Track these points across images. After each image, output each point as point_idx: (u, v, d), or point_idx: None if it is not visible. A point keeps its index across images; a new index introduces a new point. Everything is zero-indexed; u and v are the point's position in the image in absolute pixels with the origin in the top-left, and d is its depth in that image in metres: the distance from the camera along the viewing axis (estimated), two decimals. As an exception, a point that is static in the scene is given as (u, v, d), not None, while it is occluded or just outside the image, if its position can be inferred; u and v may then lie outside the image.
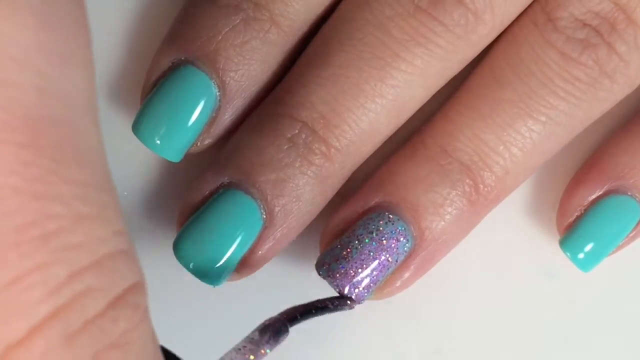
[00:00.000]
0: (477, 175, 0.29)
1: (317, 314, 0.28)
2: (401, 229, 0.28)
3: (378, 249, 0.28)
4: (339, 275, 0.28)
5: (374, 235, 0.28)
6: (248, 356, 0.26)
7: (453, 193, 0.29)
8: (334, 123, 0.28)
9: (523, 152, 0.29)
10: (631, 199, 0.29)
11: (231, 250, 0.28)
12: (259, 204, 0.28)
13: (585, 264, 0.29)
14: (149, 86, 0.29)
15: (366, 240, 0.28)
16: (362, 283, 0.28)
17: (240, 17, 0.28)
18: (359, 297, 0.28)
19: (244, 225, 0.28)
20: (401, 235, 0.28)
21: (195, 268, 0.28)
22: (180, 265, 0.28)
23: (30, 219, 0.17)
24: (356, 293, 0.28)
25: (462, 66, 0.29)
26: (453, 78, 0.29)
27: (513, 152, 0.29)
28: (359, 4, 0.28)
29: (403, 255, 0.28)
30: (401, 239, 0.28)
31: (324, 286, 0.29)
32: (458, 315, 0.31)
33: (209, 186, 0.29)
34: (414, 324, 0.31)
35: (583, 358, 0.31)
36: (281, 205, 0.28)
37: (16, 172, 0.17)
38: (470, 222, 0.29)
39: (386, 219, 0.28)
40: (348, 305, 0.28)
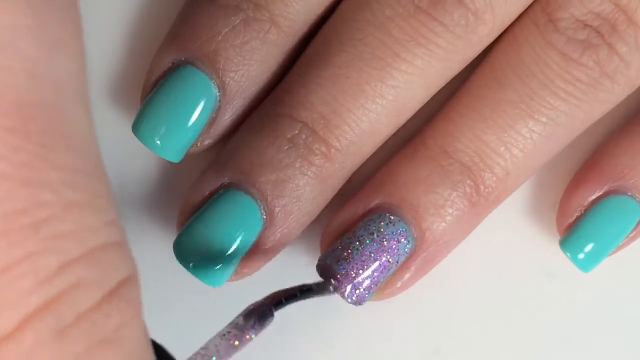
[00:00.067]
0: (478, 176, 0.29)
1: (302, 298, 0.27)
2: (402, 230, 0.28)
3: (379, 250, 0.28)
4: (340, 276, 0.28)
5: (375, 236, 0.28)
6: (233, 342, 0.25)
7: (454, 194, 0.29)
8: (334, 123, 0.28)
9: (524, 153, 0.29)
10: (631, 200, 0.29)
11: (231, 251, 0.28)
12: (259, 204, 0.28)
13: (586, 265, 0.29)
14: (149, 86, 0.29)
15: (367, 242, 0.28)
16: (363, 284, 0.28)
17: (240, 18, 0.28)
18: (360, 298, 0.28)
19: (244, 225, 0.28)
20: (402, 236, 0.28)
21: (195, 268, 0.28)
22: (180, 265, 0.28)
23: (20, 206, 0.17)
24: (357, 294, 0.28)
25: (463, 66, 0.29)
26: (454, 78, 0.29)
27: (514, 153, 0.29)
28: (359, 4, 0.28)
29: (404, 256, 0.28)
30: (402, 240, 0.28)
31: (324, 287, 0.29)
32: (458, 315, 0.31)
33: (209, 186, 0.29)
34: (414, 324, 0.31)
35: (583, 358, 0.31)
36: (281, 206, 0.28)
37: (4, 158, 0.17)
38: (471, 223, 0.29)
39: (387, 220, 0.28)
40: (332, 287, 0.28)
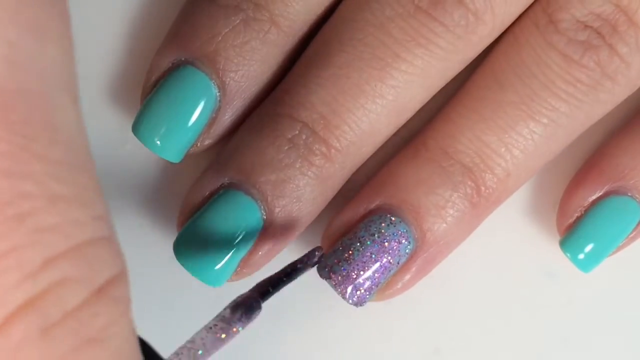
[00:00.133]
0: (479, 177, 0.29)
1: (289, 281, 0.26)
2: (403, 230, 0.28)
3: (380, 251, 0.28)
4: (341, 277, 0.28)
5: (376, 237, 0.28)
6: (220, 335, 0.25)
7: (455, 195, 0.29)
8: (334, 124, 0.28)
9: (524, 154, 0.29)
10: (631, 200, 0.29)
11: (231, 251, 0.28)
12: (259, 204, 0.28)
13: (586, 265, 0.29)
14: (149, 86, 0.29)
15: (368, 242, 0.28)
16: (364, 285, 0.28)
17: (240, 18, 0.28)
18: (361, 299, 0.28)
19: (244, 225, 0.28)
20: (403, 237, 0.28)
21: (195, 269, 0.28)
22: (180, 265, 0.28)
23: (3, 197, 0.16)
24: (358, 295, 0.28)
25: (463, 66, 0.29)
26: (454, 79, 0.29)
27: (514, 154, 0.29)
28: (359, 4, 0.28)
29: (404, 257, 0.28)
30: (403, 241, 0.28)
31: (325, 287, 0.29)
32: (458, 315, 0.31)
33: (209, 186, 0.29)
34: (414, 324, 0.31)
35: (583, 358, 0.31)
36: (281, 206, 0.28)
37: None
38: (472, 224, 0.29)
39: (388, 221, 0.28)
40: (316, 257, 0.27)
